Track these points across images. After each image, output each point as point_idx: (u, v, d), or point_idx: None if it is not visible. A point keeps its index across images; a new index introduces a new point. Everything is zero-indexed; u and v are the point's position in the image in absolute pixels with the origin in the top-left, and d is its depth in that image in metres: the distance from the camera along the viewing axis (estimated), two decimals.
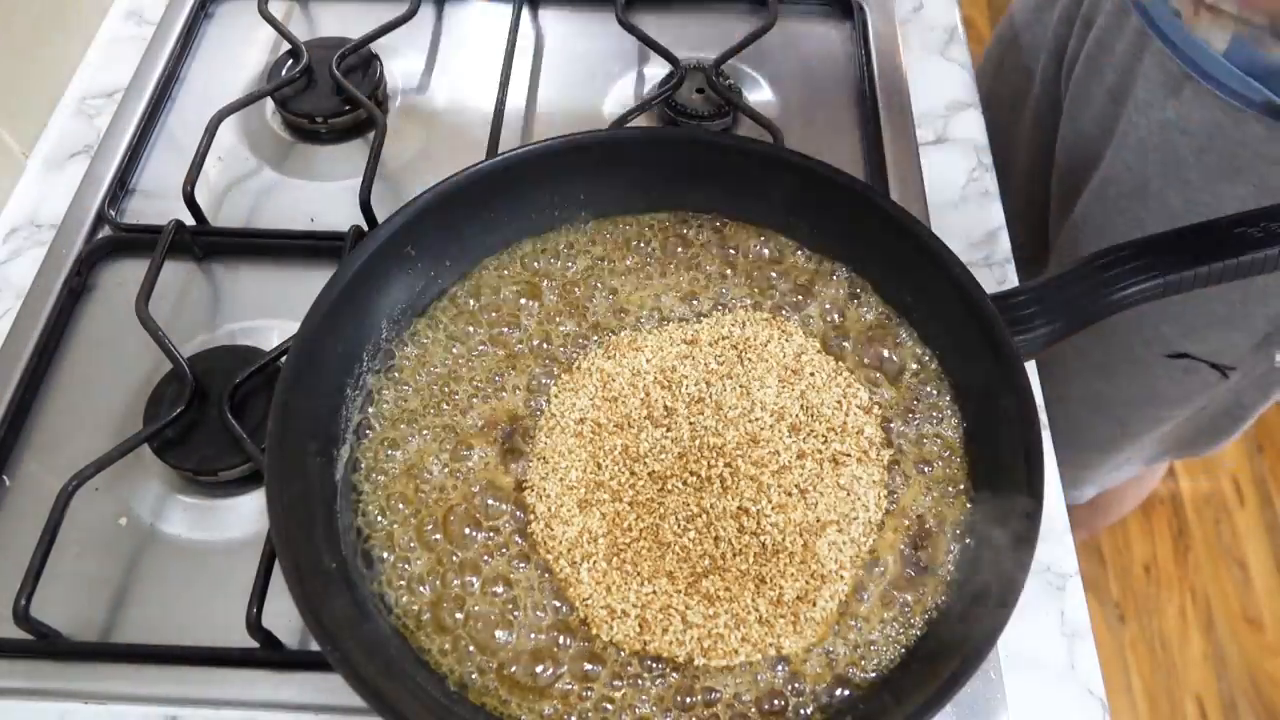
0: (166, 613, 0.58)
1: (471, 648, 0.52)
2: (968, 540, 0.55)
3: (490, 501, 0.57)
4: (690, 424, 0.58)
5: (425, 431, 0.58)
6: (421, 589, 0.54)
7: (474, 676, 0.52)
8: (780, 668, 0.52)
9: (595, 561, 0.54)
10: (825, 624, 0.53)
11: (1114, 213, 0.82)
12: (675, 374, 0.60)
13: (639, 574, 0.54)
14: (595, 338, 0.62)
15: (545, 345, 0.62)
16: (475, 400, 0.60)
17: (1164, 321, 0.83)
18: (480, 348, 0.61)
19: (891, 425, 0.59)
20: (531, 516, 0.56)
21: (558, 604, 0.54)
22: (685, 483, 0.56)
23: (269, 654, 0.55)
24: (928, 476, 0.57)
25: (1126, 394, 0.93)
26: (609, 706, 0.51)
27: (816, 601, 0.53)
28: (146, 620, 0.58)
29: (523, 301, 0.63)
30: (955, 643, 0.49)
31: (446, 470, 0.57)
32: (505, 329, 0.62)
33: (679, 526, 0.55)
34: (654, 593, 0.53)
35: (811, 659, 0.52)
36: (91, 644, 0.56)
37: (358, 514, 0.56)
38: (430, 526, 0.55)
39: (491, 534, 0.56)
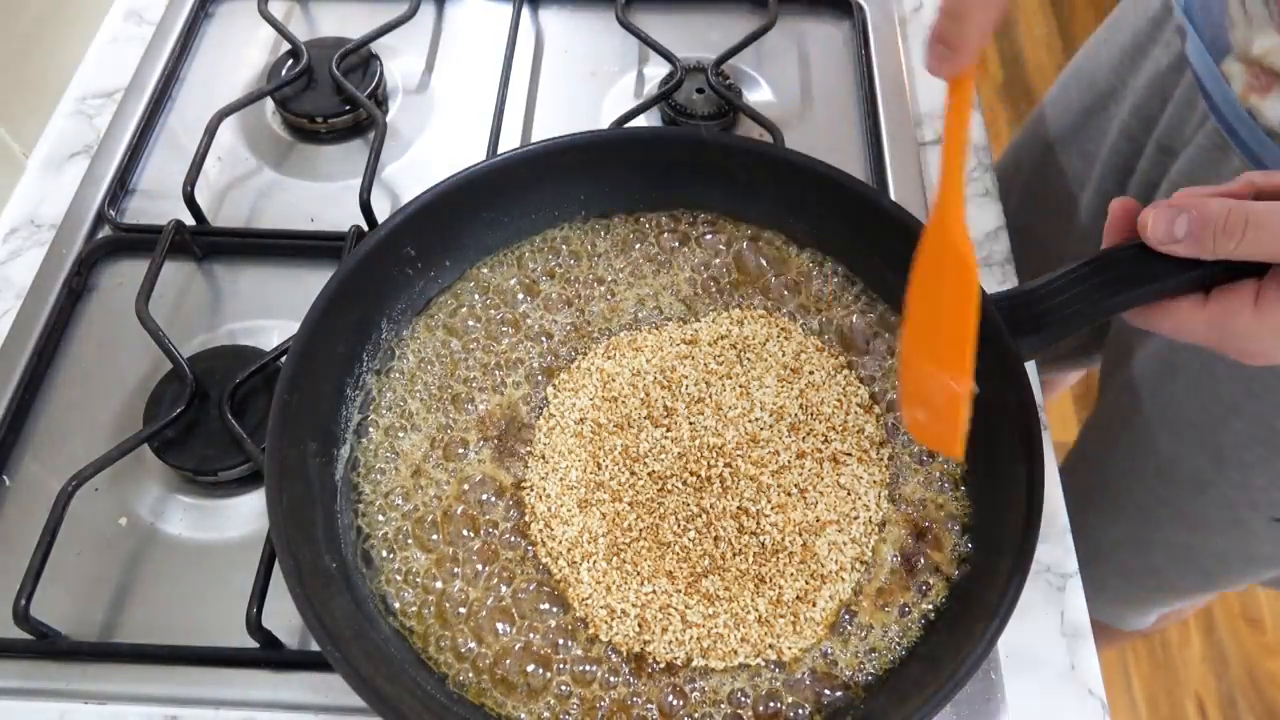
0: (166, 613, 0.58)
1: (471, 646, 0.52)
2: (967, 540, 0.55)
3: (489, 500, 0.57)
4: (690, 424, 0.58)
5: (425, 431, 0.58)
6: (421, 589, 0.54)
7: (473, 676, 0.52)
8: (778, 668, 0.52)
9: (595, 561, 0.54)
10: (825, 625, 0.53)
11: None
12: (675, 374, 0.60)
13: (639, 573, 0.54)
14: (594, 337, 0.62)
15: (545, 344, 0.62)
16: (474, 400, 0.60)
17: (1276, 488, 0.75)
18: (479, 347, 0.61)
19: (891, 425, 0.59)
20: (531, 516, 0.56)
21: (556, 604, 0.54)
22: (685, 483, 0.56)
23: (269, 654, 0.55)
24: (927, 477, 0.57)
25: (1219, 549, 0.85)
26: (605, 705, 0.51)
27: (816, 602, 0.53)
28: (146, 620, 0.58)
29: (522, 301, 0.63)
30: (955, 643, 0.49)
31: (445, 470, 0.57)
32: (504, 328, 0.62)
33: (679, 526, 0.55)
34: (654, 592, 0.53)
35: (810, 659, 0.52)
36: (91, 644, 0.56)
37: (358, 514, 0.56)
38: (429, 526, 0.55)
39: (490, 533, 0.56)
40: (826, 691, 0.51)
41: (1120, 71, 0.81)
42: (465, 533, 0.55)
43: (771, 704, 0.51)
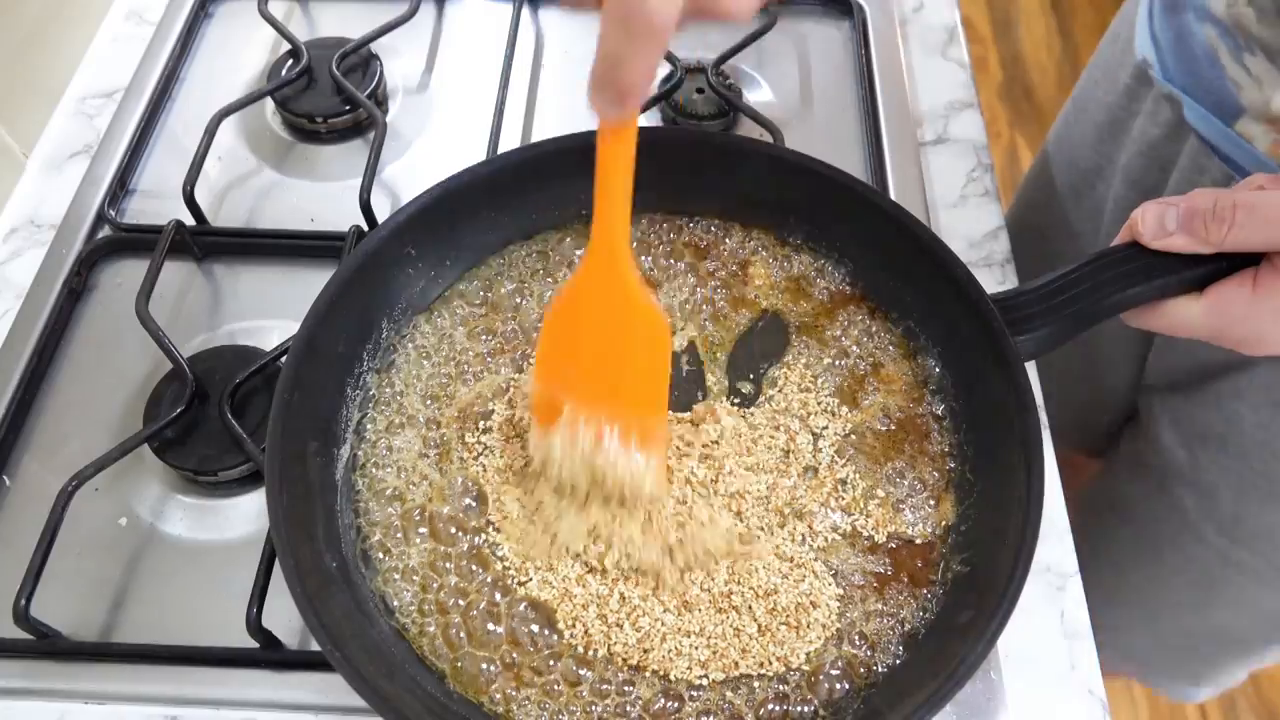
0: (166, 613, 0.58)
1: (468, 647, 0.52)
2: (967, 540, 0.55)
3: (473, 505, 0.56)
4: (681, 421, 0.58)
5: (420, 430, 0.58)
6: (416, 589, 0.54)
7: (471, 676, 0.51)
8: (787, 671, 0.52)
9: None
10: (831, 627, 0.53)
11: None
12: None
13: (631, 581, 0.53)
14: None
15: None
16: (472, 399, 0.60)
17: None
18: (479, 346, 0.61)
19: (891, 425, 0.59)
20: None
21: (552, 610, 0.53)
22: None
23: (269, 654, 0.55)
24: (927, 476, 0.57)
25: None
26: (598, 708, 0.51)
27: (818, 603, 0.53)
28: (146, 620, 0.58)
29: (521, 301, 0.63)
30: (955, 642, 0.49)
31: (438, 469, 0.57)
32: (504, 328, 0.62)
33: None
34: (648, 599, 0.53)
35: (815, 658, 0.52)
36: (91, 644, 0.56)
37: (358, 513, 0.56)
38: (420, 527, 0.55)
39: (481, 537, 0.55)
40: (827, 690, 0.51)
41: (1102, 149, 0.80)
42: (454, 533, 0.55)
43: (770, 709, 0.51)
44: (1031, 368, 0.64)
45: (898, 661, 0.52)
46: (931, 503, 0.56)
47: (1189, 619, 0.90)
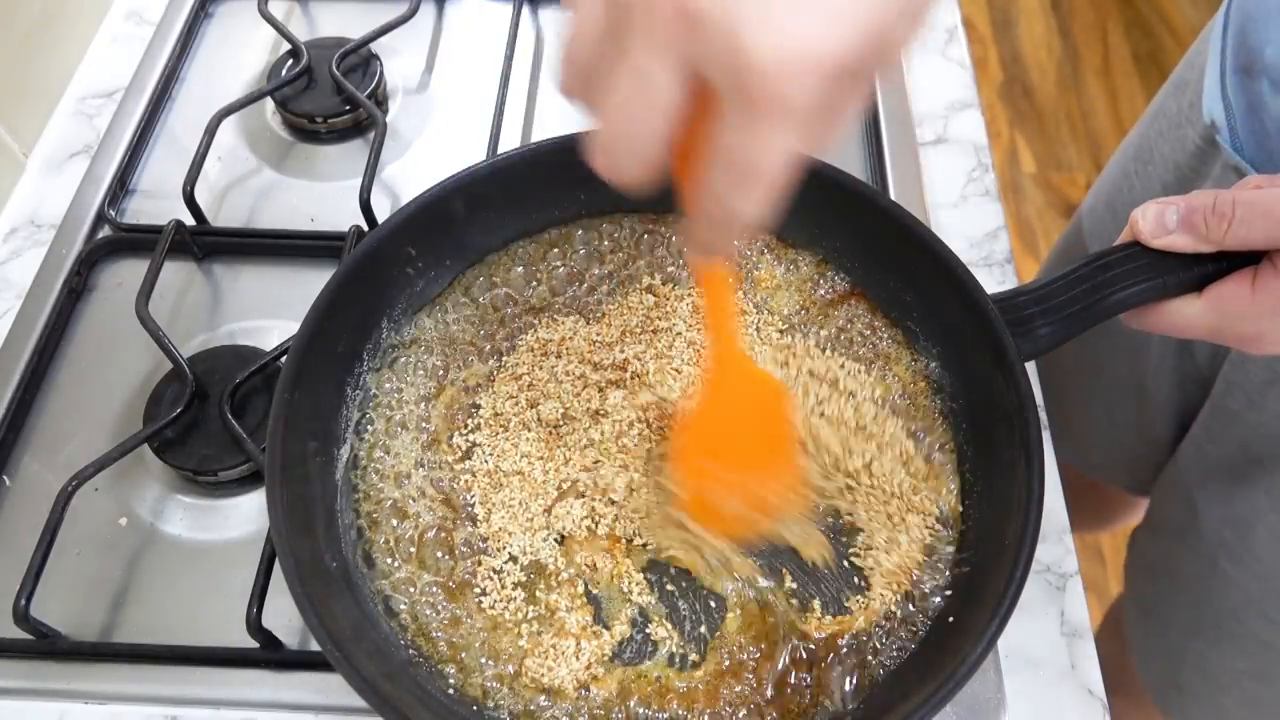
0: (166, 613, 0.58)
1: (466, 659, 0.52)
2: (967, 540, 0.55)
3: (463, 506, 0.56)
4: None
5: (413, 432, 0.58)
6: (412, 591, 0.54)
7: (471, 683, 0.51)
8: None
9: None
10: (869, 614, 0.53)
11: None
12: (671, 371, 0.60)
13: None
14: (594, 335, 0.62)
15: (543, 342, 0.61)
16: (471, 400, 0.59)
17: None
18: (479, 346, 0.61)
19: (909, 403, 0.59)
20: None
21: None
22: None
23: (269, 654, 0.55)
24: (928, 476, 0.57)
25: None
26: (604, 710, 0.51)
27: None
28: (146, 620, 0.58)
29: (522, 301, 0.63)
30: (955, 643, 0.49)
31: (428, 476, 0.57)
32: (504, 328, 0.62)
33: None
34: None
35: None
36: (91, 644, 0.56)
37: (358, 514, 0.56)
38: (413, 528, 0.55)
39: (469, 538, 0.55)
40: (841, 685, 0.51)
41: None
42: (442, 536, 0.55)
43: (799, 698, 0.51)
44: (1031, 367, 0.64)
45: (898, 661, 0.52)
46: (951, 483, 0.57)
47: (1256, 690, 0.84)
